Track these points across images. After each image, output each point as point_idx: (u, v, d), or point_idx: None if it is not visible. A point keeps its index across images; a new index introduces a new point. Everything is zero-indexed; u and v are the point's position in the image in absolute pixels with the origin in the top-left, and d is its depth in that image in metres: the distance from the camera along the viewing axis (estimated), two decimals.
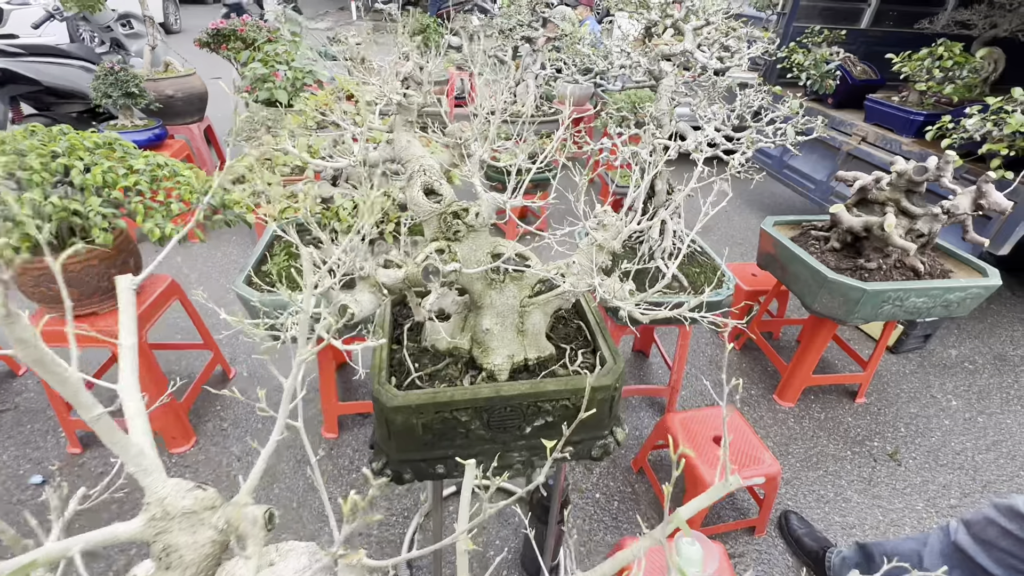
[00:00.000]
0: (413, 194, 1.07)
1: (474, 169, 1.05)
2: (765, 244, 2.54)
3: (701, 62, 1.73)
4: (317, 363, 2.15)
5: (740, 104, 1.82)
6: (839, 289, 2.10)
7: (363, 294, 1.00)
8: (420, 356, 1.23)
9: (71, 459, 2.17)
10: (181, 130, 4.14)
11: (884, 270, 2.18)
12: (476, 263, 1.11)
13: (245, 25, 4.49)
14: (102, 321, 1.96)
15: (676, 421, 2.01)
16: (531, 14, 4.23)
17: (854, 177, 2.25)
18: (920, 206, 2.15)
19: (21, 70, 3.49)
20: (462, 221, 1.06)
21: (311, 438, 2.33)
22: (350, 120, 1.45)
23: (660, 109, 1.84)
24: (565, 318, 1.37)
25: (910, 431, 2.54)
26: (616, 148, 1.81)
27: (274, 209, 1.58)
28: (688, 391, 2.72)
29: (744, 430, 1.99)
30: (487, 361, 1.16)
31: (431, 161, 1.12)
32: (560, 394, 1.11)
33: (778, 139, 1.69)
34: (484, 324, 1.13)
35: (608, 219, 1.16)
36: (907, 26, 4.54)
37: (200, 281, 3.43)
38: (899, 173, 2.11)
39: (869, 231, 2.17)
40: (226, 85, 2.72)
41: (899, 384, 2.85)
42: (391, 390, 1.07)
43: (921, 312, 2.18)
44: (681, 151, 1.76)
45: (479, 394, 1.08)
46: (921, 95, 3.45)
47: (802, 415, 2.60)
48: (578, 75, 2.01)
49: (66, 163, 1.68)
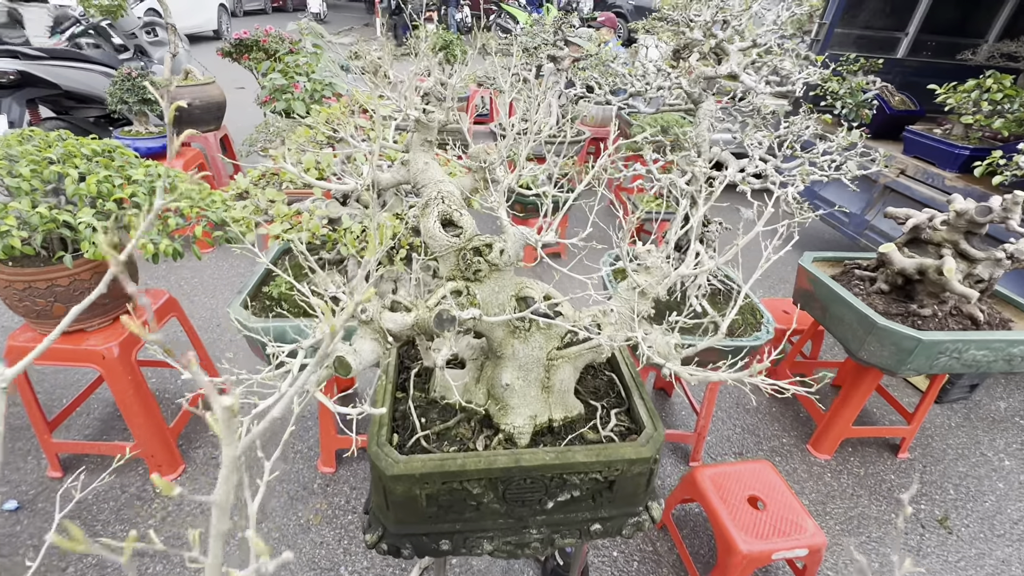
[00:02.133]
0: (428, 225, 0.92)
1: (500, 199, 0.90)
2: (802, 281, 2.35)
3: (747, 85, 1.58)
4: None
5: (788, 132, 1.66)
6: (890, 337, 1.91)
7: (364, 342, 0.84)
8: (428, 409, 1.07)
9: (50, 484, 2.03)
10: (197, 138, 4.09)
11: (939, 318, 1.98)
12: (498, 308, 0.95)
13: (268, 36, 4.47)
14: (91, 339, 1.83)
15: (706, 477, 1.81)
16: (555, 34, 4.14)
17: (906, 215, 2.07)
18: (981, 249, 1.96)
19: (40, 73, 3.46)
20: (484, 259, 0.91)
21: (307, 472, 2.17)
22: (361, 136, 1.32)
23: (700, 135, 1.69)
24: (595, 368, 1.20)
25: (960, 494, 2.31)
26: (651, 175, 1.66)
27: (276, 229, 1.44)
28: (713, 436, 2.52)
29: (782, 491, 1.79)
30: (505, 421, 0.99)
31: (450, 187, 0.97)
32: (590, 467, 0.94)
33: (834, 172, 1.52)
34: (504, 378, 0.97)
35: (651, 260, 1.00)
36: (946, 56, 4.38)
37: (204, 293, 3.31)
38: (959, 212, 1.92)
39: (923, 274, 1.98)
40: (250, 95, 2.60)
41: (945, 439, 2.62)
42: (391, 454, 0.91)
43: (980, 366, 1.98)
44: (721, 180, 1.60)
45: (495, 463, 0.91)
46: (967, 128, 3.27)
47: (840, 469, 2.38)
48: (610, 95, 1.88)
49: (60, 171, 1.57)
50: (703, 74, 1.69)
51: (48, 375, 2.54)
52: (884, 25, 4.32)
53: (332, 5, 17.58)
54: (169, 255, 1.64)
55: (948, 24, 4.35)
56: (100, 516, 1.93)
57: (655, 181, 1.60)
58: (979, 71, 3.35)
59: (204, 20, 11.42)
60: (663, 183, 1.56)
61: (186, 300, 3.20)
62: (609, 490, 0.98)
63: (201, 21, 11.31)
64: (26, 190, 1.51)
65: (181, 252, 1.66)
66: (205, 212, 1.70)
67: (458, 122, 1.10)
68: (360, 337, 0.85)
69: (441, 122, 0.99)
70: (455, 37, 5.18)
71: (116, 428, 2.30)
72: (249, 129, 3.78)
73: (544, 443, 1.01)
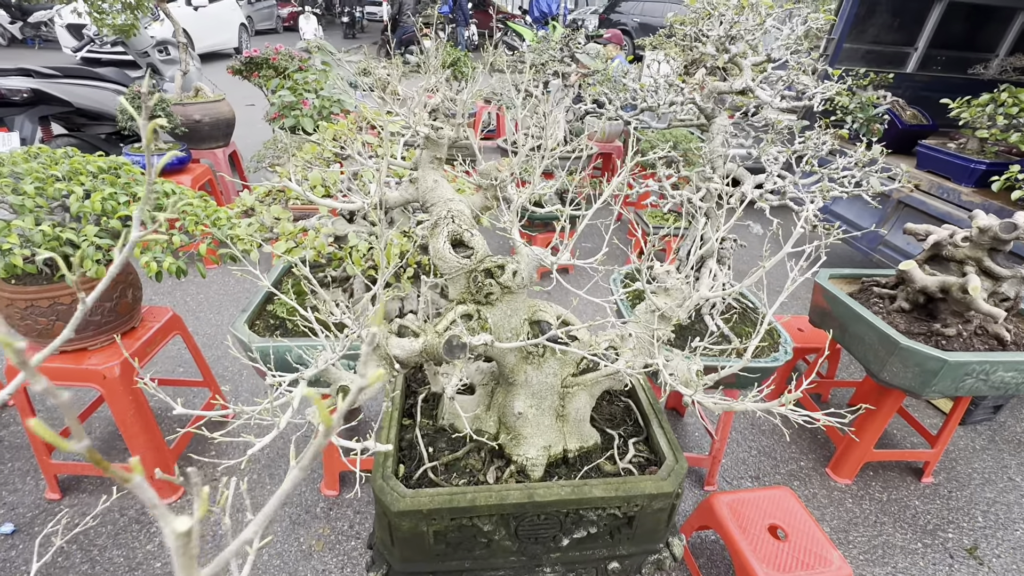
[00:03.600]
0: (438, 246, 0.88)
1: (513, 219, 0.86)
2: (818, 299, 2.29)
3: (764, 100, 1.54)
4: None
5: (805, 147, 1.62)
6: (914, 358, 1.84)
7: (370, 369, 0.79)
8: (436, 437, 1.02)
9: (47, 507, 1.98)
10: (206, 154, 4.11)
11: (964, 338, 1.91)
12: (511, 332, 0.90)
13: (278, 54, 4.52)
14: (94, 357, 1.80)
15: (724, 505, 1.73)
16: (562, 50, 4.16)
17: (926, 231, 2.01)
18: (1006, 267, 1.89)
19: (52, 91, 3.50)
20: (496, 281, 0.87)
21: (309, 494, 2.11)
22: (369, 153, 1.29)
23: (714, 150, 1.65)
24: (611, 394, 1.14)
25: (989, 521, 2.21)
26: (665, 192, 1.62)
27: (281, 247, 1.41)
28: (728, 459, 2.44)
29: (805, 521, 1.71)
30: (518, 452, 0.94)
31: (460, 206, 0.93)
32: (608, 502, 0.88)
33: (854, 189, 1.47)
34: (516, 407, 0.91)
35: (671, 282, 0.95)
36: (956, 71, 4.35)
37: (210, 309, 3.29)
38: (982, 229, 1.86)
39: (947, 292, 1.91)
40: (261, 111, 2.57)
41: (970, 462, 2.52)
42: (397, 488, 0.85)
43: (1009, 388, 1.90)
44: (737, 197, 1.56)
45: (507, 499, 0.86)
46: (982, 142, 3.22)
47: (861, 495, 2.29)
48: (621, 111, 1.85)
49: (65, 188, 1.55)
50: (716, 89, 1.65)
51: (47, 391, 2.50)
52: (893, 40, 4.30)
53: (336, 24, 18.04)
54: (173, 273, 1.61)
55: (958, 39, 4.32)
56: (97, 541, 1.88)
57: (669, 198, 1.55)
58: (991, 85, 3.31)
59: (226, 38, 12.00)
60: (677, 199, 1.52)
61: (192, 316, 3.18)
62: (628, 526, 0.92)
63: (223, 39, 11.88)
64: (30, 207, 1.49)
65: (185, 270, 1.64)
66: (210, 229, 1.68)
67: (467, 138, 1.06)
68: (366, 363, 0.80)
69: (451, 139, 0.96)
70: (463, 54, 5.22)
71: (117, 448, 2.26)
72: (259, 146, 3.80)
73: (559, 475, 0.96)
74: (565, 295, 0.90)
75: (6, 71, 3.55)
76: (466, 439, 1.00)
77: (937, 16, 4.17)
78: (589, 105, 1.95)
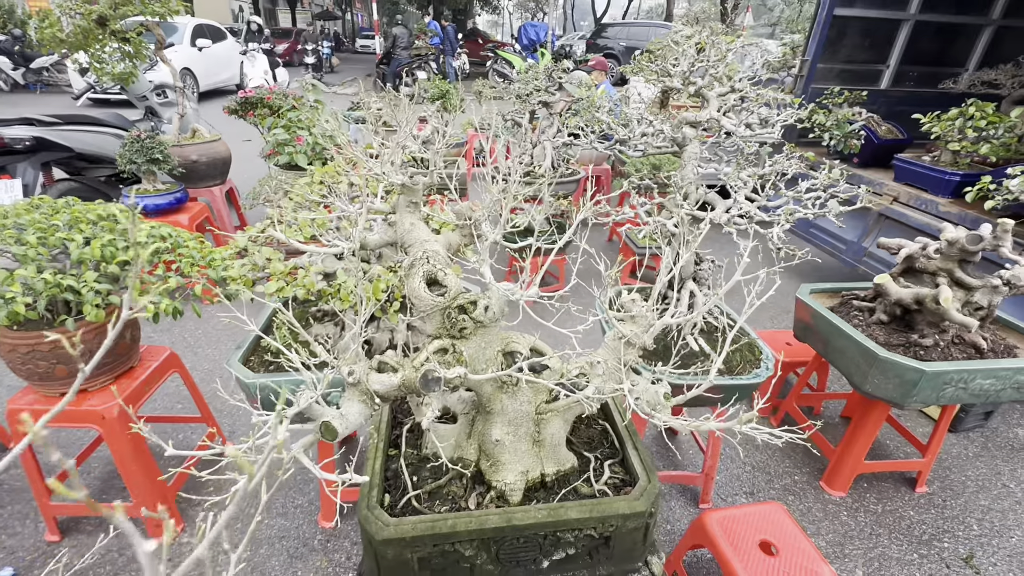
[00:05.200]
0: (414, 286, 0.94)
1: (484, 255, 0.92)
2: (801, 313, 2.35)
3: (727, 129, 1.63)
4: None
5: (770, 170, 1.70)
6: (893, 369, 1.88)
7: (352, 404, 0.85)
8: (420, 467, 1.06)
9: (47, 549, 2.00)
10: (204, 193, 4.22)
11: (942, 347, 1.96)
12: (485, 362, 0.96)
13: (272, 94, 4.67)
14: (93, 398, 1.84)
15: (715, 522, 1.75)
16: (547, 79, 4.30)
17: (898, 245, 2.08)
18: (977, 277, 1.95)
19: (53, 138, 3.62)
20: (469, 316, 0.93)
21: (307, 527, 2.13)
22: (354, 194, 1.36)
23: (685, 177, 1.73)
24: (589, 418, 1.19)
25: (984, 529, 2.22)
26: (637, 219, 1.69)
27: (273, 287, 1.47)
28: (723, 475, 2.45)
29: (797, 536, 1.72)
30: (497, 478, 0.98)
31: (435, 246, 1.00)
32: (584, 523, 0.92)
33: (817, 211, 1.55)
34: (494, 434, 0.96)
35: (636, 309, 1.01)
36: (928, 86, 4.49)
37: (208, 344, 3.34)
38: (950, 241, 1.93)
39: (921, 303, 1.97)
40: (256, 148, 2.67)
41: (963, 470, 2.53)
42: (381, 517, 0.90)
43: (988, 395, 1.94)
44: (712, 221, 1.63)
45: (486, 523, 0.90)
46: (954, 155, 3.32)
47: (856, 507, 2.30)
48: (596, 143, 1.94)
49: (65, 237, 1.63)
50: (684, 120, 1.74)
51: (50, 434, 2.53)
52: (865, 58, 4.46)
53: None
54: (169, 314, 1.67)
55: (928, 55, 4.48)
56: None
57: (642, 223, 1.63)
58: (962, 99, 3.43)
59: (229, 76, 12.63)
60: (651, 226, 1.59)
61: (190, 352, 3.23)
62: (606, 546, 0.96)
63: (227, 77, 12.51)
64: (32, 257, 1.56)
65: (181, 311, 1.70)
66: (206, 271, 1.74)
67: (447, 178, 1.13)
68: (347, 399, 0.86)
69: (427, 184, 1.03)
70: (451, 87, 5.38)
71: (115, 487, 2.28)
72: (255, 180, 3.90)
73: (537, 498, 1.00)
74: (541, 325, 0.94)
75: (9, 121, 3.68)
76: (449, 468, 1.05)
77: (906, 34, 4.33)
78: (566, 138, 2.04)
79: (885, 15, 4.20)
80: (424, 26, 14.64)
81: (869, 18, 4.19)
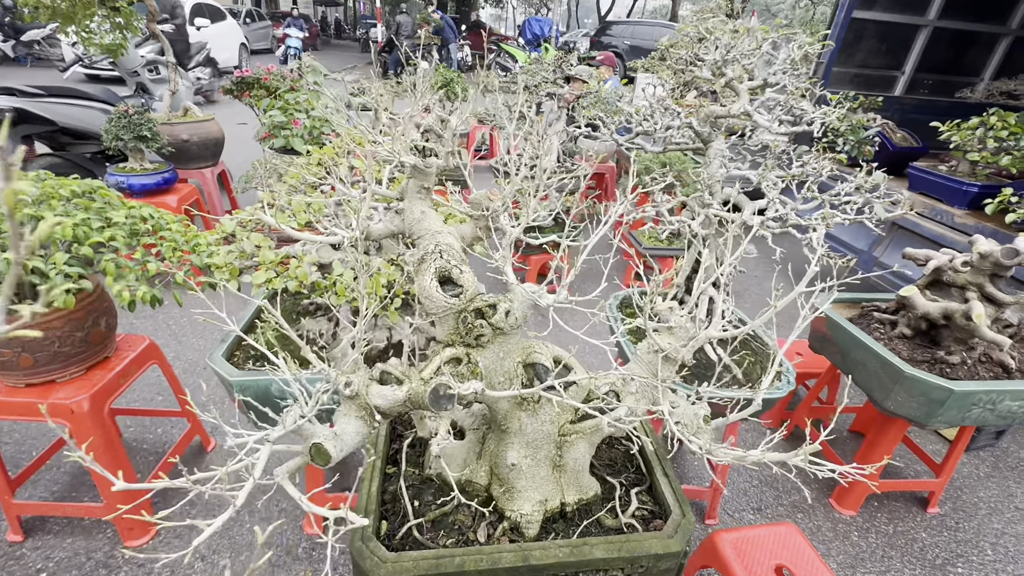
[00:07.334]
0: (424, 283, 0.81)
1: (506, 255, 0.80)
2: (819, 324, 2.24)
3: (762, 125, 1.51)
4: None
5: (800, 171, 1.58)
6: (919, 387, 1.78)
7: (348, 422, 0.72)
8: (422, 489, 0.94)
9: (9, 550, 1.85)
10: (194, 174, 4.05)
11: (969, 365, 1.86)
12: (503, 376, 0.83)
13: (269, 74, 4.50)
14: (61, 391, 1.70)
15: (727, 544, 1.65)
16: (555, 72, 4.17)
17: (926, 256, 1.98)
18: (1008, 292, 1.86)
19: (36, 110, 3.43)
20: (488, 322, 0.80)
21: (291, 533, 2.00)
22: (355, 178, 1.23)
23: (711, 175, 1.61)
24: (611, 438, 1.07)
25: (999, 555, 2.13)
26: (659, 219, 1.57)
27: (261, 277, 1.34)
28: (730, 490, 2.35)
29: (812, 560, 1.62)
30: (511, 507, 0.86)
31: (449, 239, 0.87)
32: (611, 563, 0.80)
33: (856, 216, 1.43)
34: (510, 457, 0.84)
35: (675, 320, 0.89)
36: (943, 94, 4.41)
37: (192, 334, 3.18)
38: (983, 254, 1.83)
39: (949, 319, 1.87)
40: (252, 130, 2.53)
41: (975, 491, 2.45)
42: (377, 552, 0.77)
43: (1016, 418, 1.85)
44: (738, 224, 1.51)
45: (499, 562, 0.78)
46: (973, 165, 3.23)
47: (867, 527, 2.21)
48: (616, 135, 1.81)
49: (33, 213, 1.48)
50: (713, 113, 1.62)
51: (17, 426, 2.38)
52: (881, 64, 4.36)
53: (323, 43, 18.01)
54: (147, 302, 1.53)
55: (943, 63, 4.39)
56: None
57: (666, 223, 1.50)
58: (977, 108, 3.34)
59: (226, 57, 12.25)
60: (675, 225, 1.47)
61: (174, 341, 3.07)
62: None
63: (225, 58, 12.12)
64: None
65: (160, 299, 1.56)
66: (189, 256, 1.60)
67: (459, 168, 1.01)
68: (343, 415, 0.73)
69: (440, 167, 0.90)
70: (456, 75, 5.23)
71: (87, 484, 2.13)
72: (249, 164, 3.75)
73: (556, 531, 0.88)
74: (559, 329, 0.85)
75: None
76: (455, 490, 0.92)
77: (923, 41, 4.24)
78: (584, 128, 1.91)
79: (903, 19, 4.10)
80: (427, 15, 14.41)
81: (887, 22, 4.09)
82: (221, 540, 1.94)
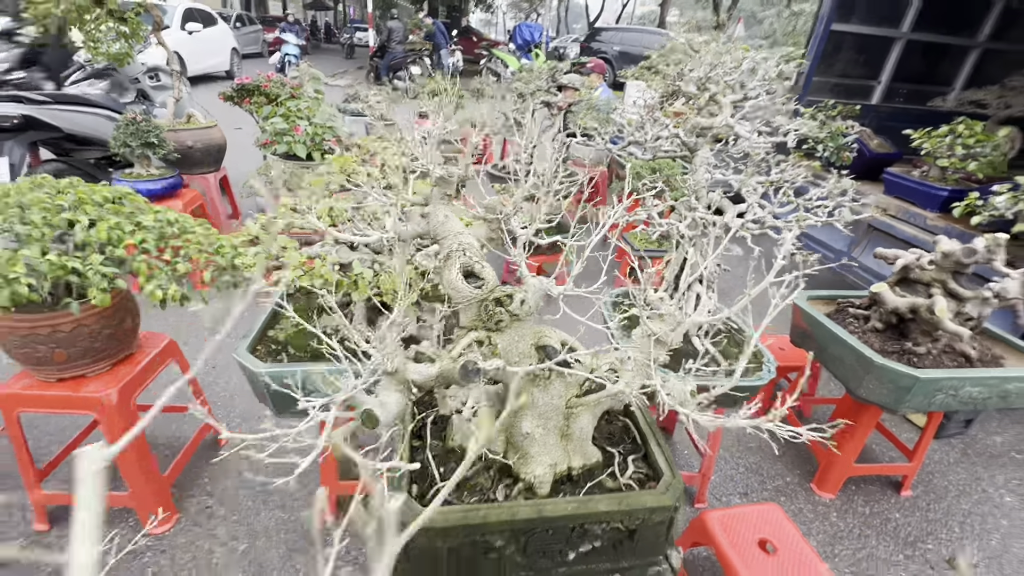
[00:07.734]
0: (451, 277, 0.94)
1: (521, 255, 0.93)
2: (799, 320, 2.40)
3: (743, 136, 1.66)
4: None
5: (778, 177, 1.74)
6: (888, 376, 1.94)
7: (389, 394, 0.85)
8: (446, 458, 1.07)
9: (36, 538, 1.94)
10: (197, 179, 4.14)
11: (934, 355, 2.03)
12: (518, 355, 0.97)
13: (269, 81, 4.60)
14: (91, 384, 1.80)
15: (715, 521, 1.79)
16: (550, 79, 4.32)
17: (895, 255, 2.15)
18: (969, 288, 2.03)
19: (43, 117, 3.51)
20: (506, 309, 0.93)
21: (304, 518, 2.11)
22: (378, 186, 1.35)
23: (697, 181, 1.76)
24: (609, 414, 1.21)
25: (965, 532, 2.30)
26: (649, 221, 1.71)
27: (290, 276, 1.46)
28: (717, 476, 2.50)
29: (793, 535, 1.77)
30: (526, 471, 0.99)
31: (470, 239, 1.00)
32: (612, 516, 0.94)
33: (827, 219, 1.59)
34: (524, 427, 0.97)
35: (665, 308, 1.03)
36: (917, 103, 4.63)
37: (191, 336, 3.27)
38: (945, 253, 2.00)
39: (916, 313, 2.04)
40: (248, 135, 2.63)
41: (945, 475, 2.62)
42: (412, 506, 0.90)
43: (976, 403, 2.01)
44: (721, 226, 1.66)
45: (517, 514, 0.91)
46: (943, 170, 3.43)
47: (845, 509, 2.37)
48: (609, 144, 1.96)
49: (70, 218, 1.59)
50: (699, 125, 1.77)
51: (42, 418, 2.46)
52: (858, 74, 4.58)
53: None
54: (176, 301, 1.64)
55: (917, 73, 4.62)
56: None
57: (656, 226, 1.65)
58: (949, 117, 3.55)
59: (218, 62, 12.31)
60: (665, 228, 1.62)
61: (193, 338, 3.16)
62: (630, 539, 0.98)
63: (216, 63, 12.19)
64: (36, 237, 1.52)
65: (189, 297, 1.67)
66: (213, 257, 1.72)
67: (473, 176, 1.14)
68: (385, 388, 0.86)
69: (461, 177, 1.03)
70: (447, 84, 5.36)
71: (110, 475, 2.22)
72: (246, 169, 3.85)
73: (564, 492, 1.01)
74: (564, 316, 0.96)
75: None
76: (476, 459, 1.05)
77: (898, 53, 4.46)
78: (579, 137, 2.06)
79: (879, 32, 4.31)
80: (418, 21, 14.55)
81: (864, 34, 4.31)
82: (239, 527, 2.04)
